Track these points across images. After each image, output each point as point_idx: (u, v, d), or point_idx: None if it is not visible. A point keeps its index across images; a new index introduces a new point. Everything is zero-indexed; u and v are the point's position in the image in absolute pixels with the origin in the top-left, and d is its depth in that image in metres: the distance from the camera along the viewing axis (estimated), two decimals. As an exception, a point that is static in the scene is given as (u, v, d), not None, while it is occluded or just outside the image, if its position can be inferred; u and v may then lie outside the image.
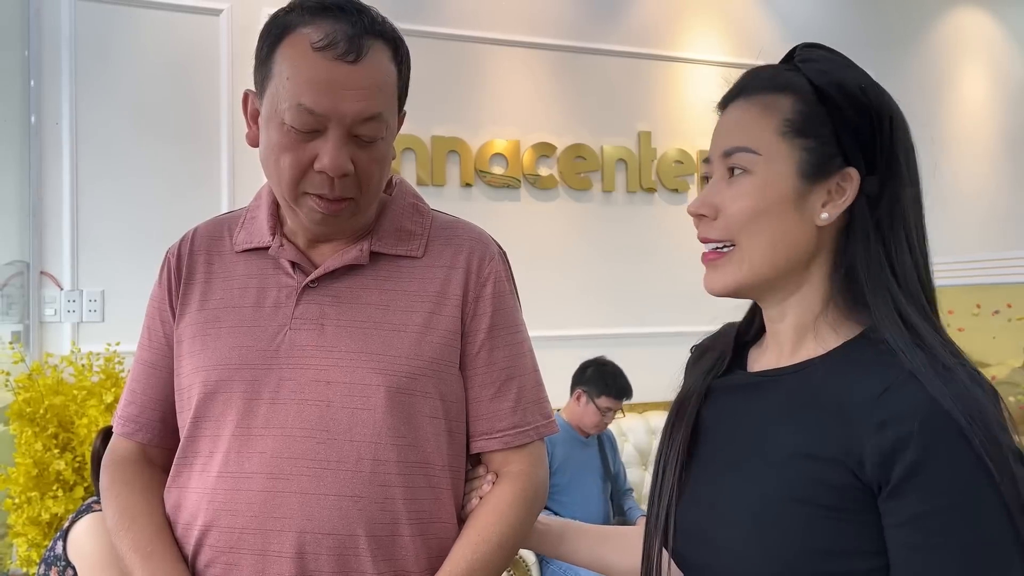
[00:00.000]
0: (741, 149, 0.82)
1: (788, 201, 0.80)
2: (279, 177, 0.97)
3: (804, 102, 0.80)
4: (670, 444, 0.89)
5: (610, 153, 3.79)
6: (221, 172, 3.20)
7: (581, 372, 2.97)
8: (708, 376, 0.90)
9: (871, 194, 0.79)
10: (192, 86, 3.19)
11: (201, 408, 1.00)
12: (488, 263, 1.06)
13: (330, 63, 0.92)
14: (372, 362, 0.97)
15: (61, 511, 2.43)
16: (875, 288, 0.78)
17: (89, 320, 3.03)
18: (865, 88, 0.79)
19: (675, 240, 3.89)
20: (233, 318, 1.02)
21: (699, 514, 0.83)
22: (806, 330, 0.83)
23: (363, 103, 0.94)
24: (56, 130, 3.01)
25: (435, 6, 3.55)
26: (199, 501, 0.98)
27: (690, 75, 3.96)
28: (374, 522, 0.95)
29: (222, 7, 3.21)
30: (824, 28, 4.12)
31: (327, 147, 0.93)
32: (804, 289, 0.82)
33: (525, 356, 1.07)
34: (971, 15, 4.62)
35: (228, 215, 1.14)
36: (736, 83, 0.86)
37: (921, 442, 0.68)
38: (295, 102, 0.92)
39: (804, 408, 0.78)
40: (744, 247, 0.81)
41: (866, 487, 0.71)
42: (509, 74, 3.67)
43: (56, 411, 2.55)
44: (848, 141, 0.79)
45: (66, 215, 3.01)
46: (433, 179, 3.48)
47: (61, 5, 3.02)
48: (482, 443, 1.05)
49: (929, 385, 0.70)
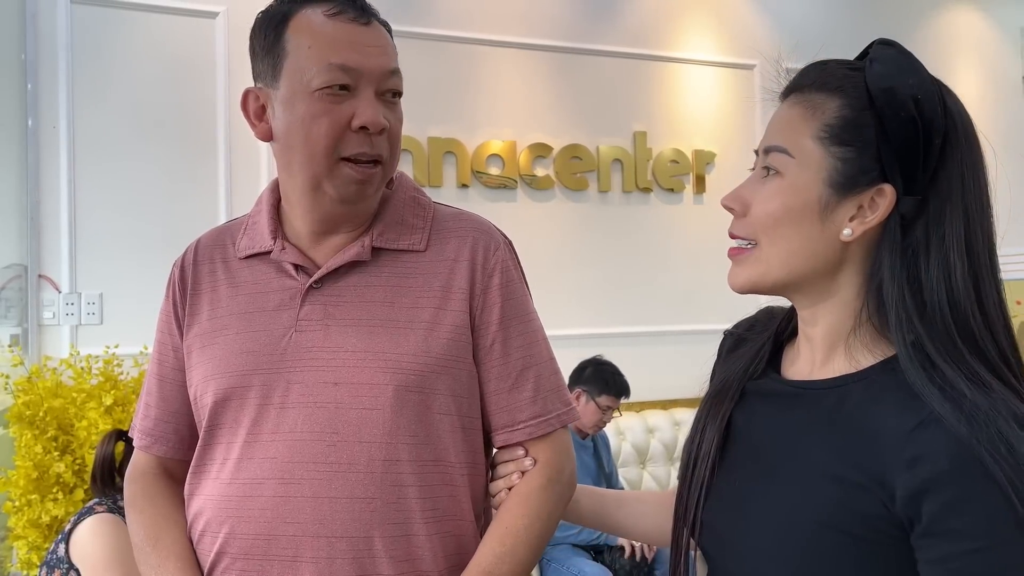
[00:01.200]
0: (777, 149, 0.79)
1: (812, 210, 0.77)
2: (312, 148, 0.96)
3: (851, 107, 0.76)
4: (701, 440, 0.87)
5: (606, 153, 3.80)
6: (218, 174, 3.21)
7: (579, 372, 2.99)
8: (744, 376, 0.87)
9: (907, 215, 0.75)
10: (189, 89, 3.19)
11: (214, 416, 1.01)
12: (494, 253, 1.04)
13: (347, 24, 0.97)
14: (379, 361, 0.97)
15: (61, 513, 2.44)
16: (896, 317, 0.74)
17: (88, 323, 3.03)
18: (920, 99, 0.74)
19: (671, 240, 3.91)
20: (240, 324, 1.02)
21: (727, 517, 0.83)
22: (837, 341, 0.80)
23: (385, 57, 0.98)
24: (54, 133, 3.02)
25: (431, 7, 3.56)
26: (215, 508, 0.98)
27: (686, 75, 3.98)
28: (388, 523, 0.94)
29: (218, 10, 3.22)
30: (818, 28, 4.14)
31: (363, 104, 0.96)
32: (834, 299, 0.80)
33: (540, 344, 1.06)
34: (963, 14, 4.65)
35: (230, 223, 1.15)
36: (797, 75, 0.82)
37: (951, 483, 0.67)
38: (325, 63, 0.95)
39: (838, 429, 0.75)
40: (764, 248, 0.79)
41: (896, 520, 0.70)
42: (505, 75, 3.68)
43: (56, 414, 2.55)
44: (888, 155, 0.74)
45: (64, 218, 3.01)
46: (430, 180, 3.49)
47: (58, 9, 3.03)
48: (505, 435, 1.03)
49: (951, 427, 0.68)
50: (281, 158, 1.02)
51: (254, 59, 1.02)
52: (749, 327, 0.94)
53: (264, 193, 1.10)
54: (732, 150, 4.03)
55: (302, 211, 1.03)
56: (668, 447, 3.66)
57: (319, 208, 1.01)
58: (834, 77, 0.79)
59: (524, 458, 1.02)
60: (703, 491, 0.85)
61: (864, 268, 0.78)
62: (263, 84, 1.01)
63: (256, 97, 1.02)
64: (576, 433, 2.99)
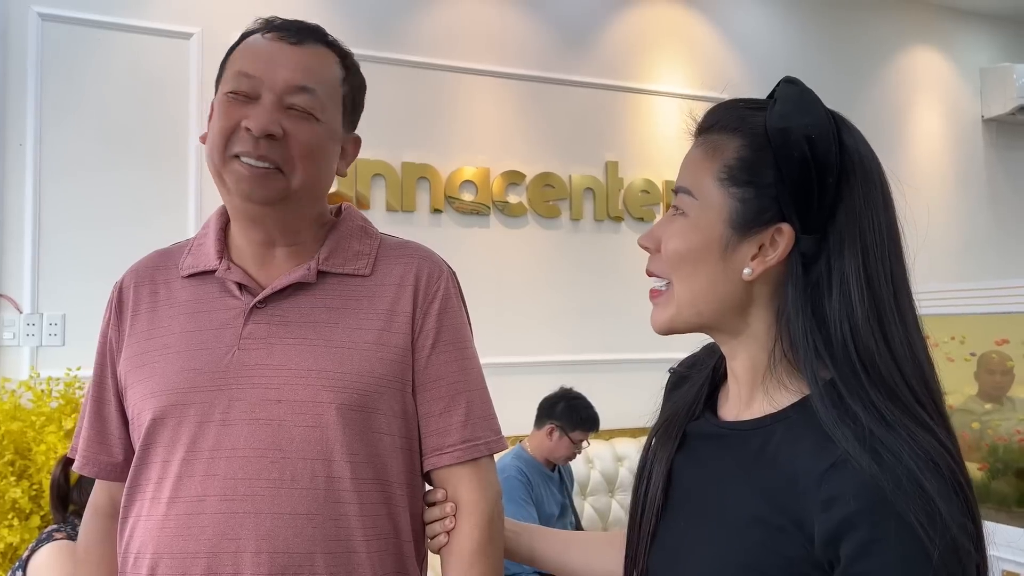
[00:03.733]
0: (683, 190, 0.81)
1: (714, 250, 0.78)
2: (211, 145, 1.01)
3: (750, 147, 0.77)
4: (647, 485, 0.87)
5: (578, 182, 3.84)
6: (188, 197, 3.18)
7: (551, 407, 2.99)
8: (685, 418, 0.88)
9: (807, 252, 0.75)
10: (160, 110, 3.17)
11: (150, 434, 1.00)
12: (436, 279, 1.07)
13: (270, 41, 1.02)
14: (323, 379, 0.98)
15: (16, 540, 2.36)
16: (804, 354, 0.74)
17: (49, 344, 2.97)
18: (814, 139, 0.74)
19: (641, 268, 3.92)
20: (180, 343, 1.02)
21: (666, 562, 0.83)
22: (756, 379, 0.80)
23: (296, 73, 1.00)
24: (20, 151, 2.97)
25: (406, 34, 3.59)
26: (151, 530, 0.97)
27: (657, 107, 4.05)
28: (330, 539, 0.95)
29: (193, 31, 3.22)
30: (785, 64, 4.24)
31: (258, 109, 0.99)
32: (747, 338, 0.80)
33: (473, 371, 1.07)
34: (925, 53, 4.80)
35: (173, 245, 1.15)
36: (705, 114, 0.83)
37: (863, 524, 0.67)
38: (234, 71, 1.01)
39: (762, 471, 0.76)
40: (675, 288, 0.81)
41: (818, 563, 0.70)
42: (479, 102, 3.71)
43: (13, 437, 2.49)
44: (783, 195, 0.75)
45: (28, 237, 2.96)
46: (403, 205, 3.50)
47: (28, 25, 3.00)
48: (433, 459, 1.04)
49: (860, 467, 0.67)
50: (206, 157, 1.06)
51: None
52: (691, 365, 0.95)
53: (212, 216, 1.12)
54: (702, 181, 4.09)
55: (231, 218, 1.07)
56: (637, 475, 3.66)
57: (232, 209, 1.04)
58: (735, 118, 0.79)
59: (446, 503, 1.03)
60: (651, 538, 0.85)
61: (772, 306, 0.78)
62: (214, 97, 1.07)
63: (211, 108, 1.07)
64: (544, 465, 2.99)
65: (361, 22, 3.46)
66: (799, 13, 4.45)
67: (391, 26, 3.54)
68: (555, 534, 1.13)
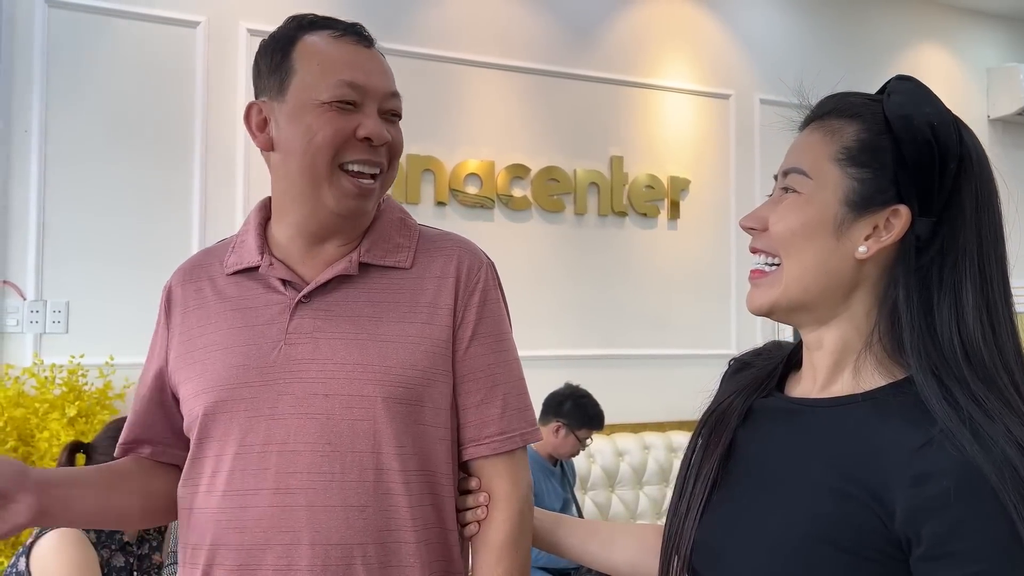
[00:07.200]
0: (795, 170, 0.82)
1: (828, 226, 0.79)
2: (315, 155, 1.01)
3: (869, 131, 0.79)
4: (704, 458, 0.88)
5: (583, 176, 3.84)
6: (193, 185, 3.18)
7: (558, 405, 2.99)
8: (752, 395, 0.89)
9: (922, 236, 0.76)
10: (166, 98, 3.17)
11: (203, 430, 1.03)
12: (477, 271, 1.09)
13: (352, 46, 1.04)
14: (368, 373, 1.00)
15: (18, 526, 2.38)
16: (912, 337, 0.75)
17: (52, 331, 2.97)
18: (936, 126, 0.76)
19: (644, 264, 3.95)
20: (228, 340, 1.04)
21: (719, 533, 0.83)
22: (844, 361, 0.81)
23: (388, 79, 1.06)
24: (25, 138, 2.98)
25: (412, 26, 3.58)
26: (206, 522, 1.00)
27: (663, 102, 4.04)
28: (380, 530, 0.98)
29: (199, 19, 3.21)
30: (791, 60, 4.23)
31: (369, 118, 1.02)
32: (843, 321, 0.81)
33: (512, 364, 1.09)
34: (933, 53, 4.78)
35: (218, 244, 1.17)
36: (816, 105, 0.85)
37: (957, 503, 0.67)
38: (335, 80, 1.01)
39: (840, 444, 0.76)
40: (785, 266, 0.81)
41: (893, 538, 0.70)
42: (485, 95, 3.71)
43: (16, 424, 2.49)
44: (904, 176, 0.77)
45: (32, 224, 2.96)
46: (407, 197, 3.49)
47: (35, 12, 3.00)
48: (471, 450, 1.06)
49: (961, 446, 0.68)
50: (281, 167, 1.05)
51: (259, 77, 1.07)
52: (757, 354, 0.97)
53: (252, 213, 1.13)
54: (706, 178, 4.09)
55: (297, 220, 1.05)
56: (637, 471, 3.67)
57: (315, 217, 1.04)
58: (852, 105, 0.81)
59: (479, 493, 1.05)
60: (701, 508, 0.85)
61: (877, 289, 0.80)
62: (267, 98, 1.06)
63: (259, 110, 1.06)
64: (547, 460, 3.00)
65: (366, 14, 3.45)
66: (806, 9, 4.43)
67: (396, 18, 3.54)
68: (578, 523, 1.14)
